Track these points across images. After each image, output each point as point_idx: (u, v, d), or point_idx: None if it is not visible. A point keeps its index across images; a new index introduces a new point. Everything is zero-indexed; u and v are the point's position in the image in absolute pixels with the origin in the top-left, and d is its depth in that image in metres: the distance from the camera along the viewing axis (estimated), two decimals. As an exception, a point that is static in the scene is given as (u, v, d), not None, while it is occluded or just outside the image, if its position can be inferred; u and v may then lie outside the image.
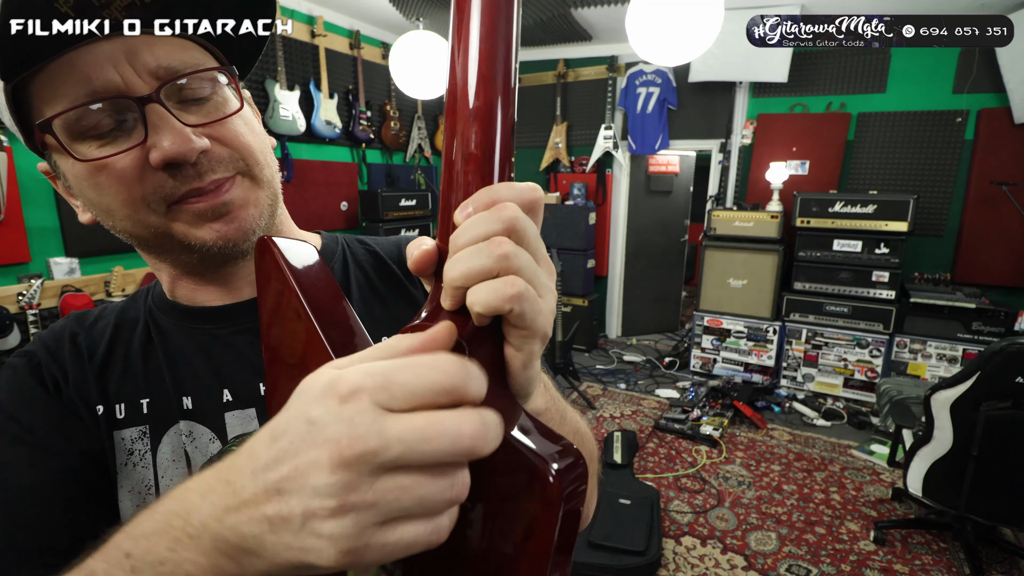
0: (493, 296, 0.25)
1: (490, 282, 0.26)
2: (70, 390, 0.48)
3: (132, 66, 0.41)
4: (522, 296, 0.26)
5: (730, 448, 3.03)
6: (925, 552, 2.20)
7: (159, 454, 0.48)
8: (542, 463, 0.24)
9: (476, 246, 0.26)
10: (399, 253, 0.63)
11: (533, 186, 0.28)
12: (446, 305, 0.28)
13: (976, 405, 1.83)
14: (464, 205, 0.27)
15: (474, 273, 0.26)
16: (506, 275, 0.26)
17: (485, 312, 0.26)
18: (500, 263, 0.25)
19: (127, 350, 0.51)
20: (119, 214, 0.44)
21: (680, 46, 1.89)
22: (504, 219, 0.26)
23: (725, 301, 3.88)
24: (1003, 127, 3.34)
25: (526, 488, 0.24)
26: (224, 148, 0.45)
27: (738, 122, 4.12)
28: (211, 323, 0.52)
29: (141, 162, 0.42)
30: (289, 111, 3.34)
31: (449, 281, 0.27)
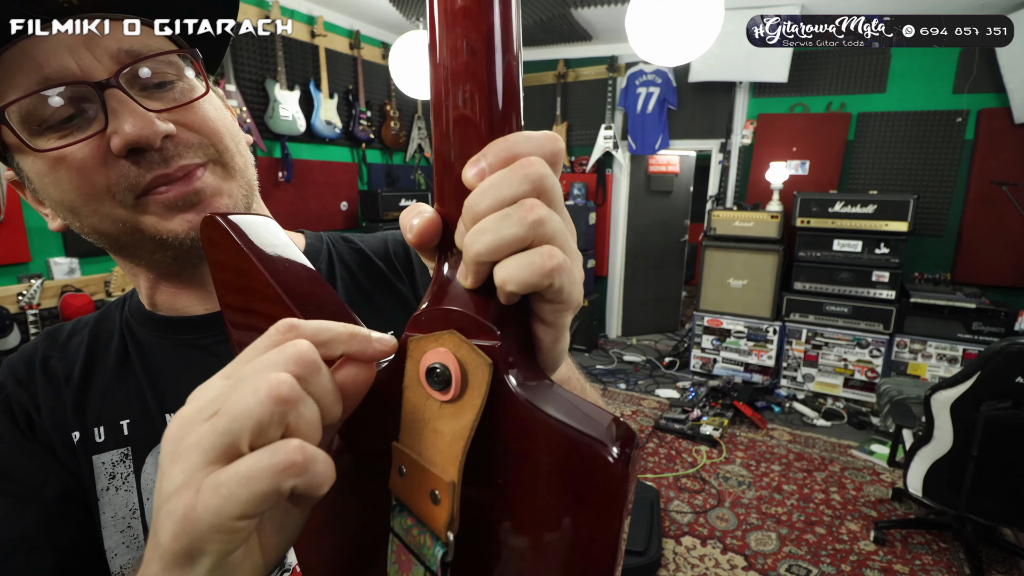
0: (530, 271, 0.22)
1: (524, 255, 0.22)
2: (42, 420, 0.45)
3: (91, 51, 0.39)
4: (561, 268, 0.22)
5: (730, 448, 3.03)
6: (925, 552, 2.20)
7: (144, 475, 0.46)
8: (601, 445, 0.21)
9: (503, 212, 0.22)
10: (385, 249, 0.61)
11: (554, 136, 0.24)
12: (468, 283, 0.24)
13: (976, 405, 1.83)
14: (475, 160, 0.23)
15: (505, 244, 0.22)
16: (540, 244, 0.22)
17: (520, 291, 0.22)
18: (534, 231, 0.22)
19: (103, 368, 0.48)
20: (84, 210, 0.41)
21: (680, 46, 1.89)
22: (532, 177, 0.22)
23: (725, 301, 3.88)
24: (1003, 127, 3.34)
25: (588, 472, 0.21)
26: (192, 133, 0.43)
27: (738, 122, 4.12)
28: (193, 333, 0.49)
29: (102, 151, 0.39)
30: (289, 111, 3.34)
31: (473, 256, 0.22)
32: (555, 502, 0.22)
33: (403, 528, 0.27)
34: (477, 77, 0.23)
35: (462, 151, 0.24)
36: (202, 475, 0.20)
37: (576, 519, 0.22)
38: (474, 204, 0.22)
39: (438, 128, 0.24)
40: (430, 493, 0.24)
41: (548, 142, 0.23)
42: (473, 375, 0.23)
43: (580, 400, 0.23)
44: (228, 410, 0.21)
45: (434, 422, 0.24)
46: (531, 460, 0.23)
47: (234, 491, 0.19)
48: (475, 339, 0.23)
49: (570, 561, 0.23)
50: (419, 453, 0.25)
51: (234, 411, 0.20)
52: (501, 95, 0.23)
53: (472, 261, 0.23)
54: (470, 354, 0.23)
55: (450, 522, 0.24)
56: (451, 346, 0.24)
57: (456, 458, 0.24)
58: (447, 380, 0.23)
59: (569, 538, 0.22)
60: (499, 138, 0.23)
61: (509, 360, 0.24)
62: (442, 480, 0.24)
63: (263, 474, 0.20)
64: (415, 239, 0.25)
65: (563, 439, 0.22)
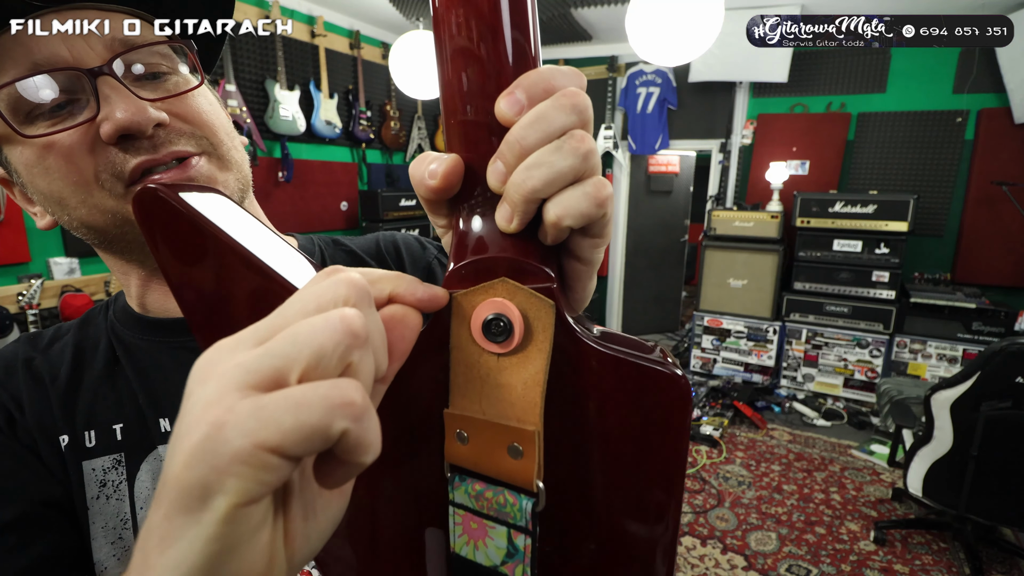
0: (587, 203, 0.21)
1: (579, 187, 0.21)
2: (27, 419, 0.43)
3: (84, 39, 0.38)
4: (611, 197, 0.22)
5: (730, 448, 3.03)
6: (925, 552, 2.20)
7: (137, 484, 0.44)
8: (668, 368, 0.22)
9: (555, 144, 0.21)
10: (377, 248, 0.60)
11: (576, 71, 0.23)
12: (513, 226, 0.22)
13: (976, 405, 1.83)
14: (508, 92, 0.21)
15: (561, 176, 0.21)
16: (589, 176, 0.22)
17: (578, 224, 0.22)
18: (587, 162, 0.21)
19: (91, 373, 0.46)
20: (72, 201, 0.40)
21: (680, 46, 1.89)
22: (580, 107, 0.21)
23: (725, 301, 3.88)
24: (1003, 127, 3.34)
25: (661, 394, 0.22)
26: (184, 123, 0.42)
27: (738, 122, 4.12)
28: (185, 335, 0.47)
29: (91, 137, 0.38)
30: (289, 111, 3.33)
31: (528, 192, 0.21)
32: (629, 430, 0.23)
33: (470, 496, 0.26)
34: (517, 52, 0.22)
35: (484, 86, 0.22)
36: (238, 395, 0.17)
37: (649, 442, 0.22)
38: (521, 138, 0.21)
39: (450, 65, 0.22)
40: (508, 448, 0.24)
41: (578, 76, 0.23)
42: (536, 320, 0.23)
43: (623, 335, 0.24)
44: (288, 334, 0.18)
45: (496, 375, 0.24)
46: (602, 393, 0.23)
47: (277, 415, 0.16)
48: (529, 283, 0.23)
49: (647, 486, 0.23)
50: (484, 411, 0.24)
51: (295, 334, 0.18)
52: (519, 26, 0.22)
53: (523, 199, 0.21)
54: (529, 299, 0.23)
55: (538, 471, 0.24)
56: (506, 294, 0.23)
57: (535, 406, 0.23)
58: (508, 330, 0.23)
59: (645, 464, 0.23)
60: (531, 71, 0.22)
61: (564, 301, 0.23)
62: (523, 431, 0.24)
63: (317, 404, 0.17)
64: (440, 183, 0.23)
65: (633, 369, 0.22)
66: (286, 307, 0.20)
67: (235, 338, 0.19)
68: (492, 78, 0.22)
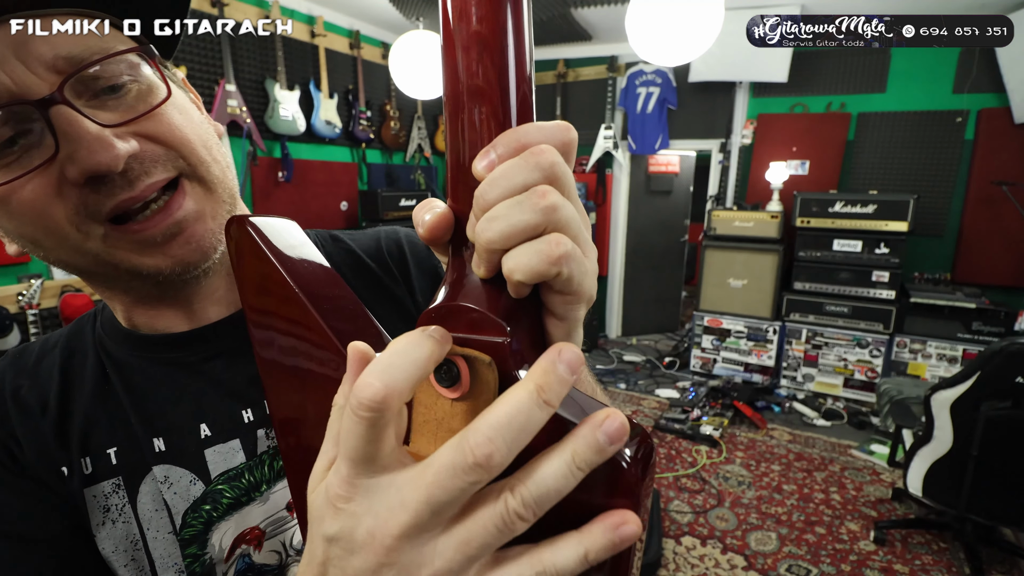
0: (538, 259, 0.21)
1: (532, 243, 0.22)
2: (26, 455, 0.41)
3: (23, 63, 0.33)
4: (570, 256, 0.22)
5: (730, 448, 3.03)
6: (925, 552, 2.20)
7: (140, 506, 0.43)
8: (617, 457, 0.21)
9: (515, 199, 0.21)
10: (378, 248, 0.58)
11: (565, 125, 0.24)
12: (480, 273, 0.24)
13: (976, 405, 1.83)
14: (485, 152, 0.22)
15: (517, 231, 0.21)
16: (552, 232, 0.22)
17: (528, 280, 0.22)
18: (546, 217, 0.21)
19: (81, 394, 0.44)
20: (47, 243, 0.37)
21: (680, 46, 1.89)
22: (543, 165, 0.22)
23: (725, 301, 3.88)
24: (1003, 127, 3.34)
25: (601, 476, 0.21)
26: (157, 146, 0.37)
27: (738, 122, 4.12)
28: (178, 351, 0.45)
29: (54, 181, 0.34)
30: (289, 111, 3.33)
31: (485, 243, 0.22)
32: (568, 505, 0.21)
33: None
34: (491, 93, 0.23)
35: (474, 149, 0.23)
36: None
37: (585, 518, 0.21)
38: (484, 192, 0.22)
39: (452, 127, 0.24)
40: None
41: (559, 131, 0.23)
42: (480, 373, 0.23)
43: (592, 401, 0.23)
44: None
45: (449, 420, 0.24)
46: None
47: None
48: (484, 335, 0.23)
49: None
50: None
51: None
52: (515, 104, 0.23)
53: (483, 249, 0.22)
54: (474, 352, 0.23)
55: None
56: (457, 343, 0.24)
57: None
58: (455, 377, 0.23)
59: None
60: (509, 130, 0.23)
61: (520, 357, 0.23)
62: None
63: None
64: (426, 233, 0.25)
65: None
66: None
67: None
68: (481, 139, 0.23)
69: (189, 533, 0.43)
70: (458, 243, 0.26)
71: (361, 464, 0.20)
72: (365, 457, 0.20)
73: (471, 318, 0.24)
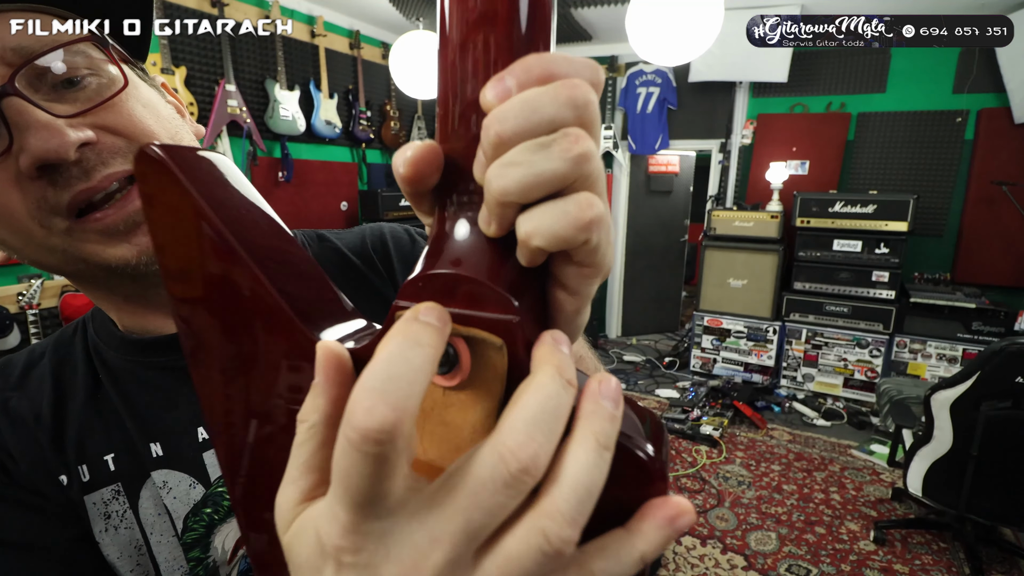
0: (564, 222, 0.17)
1: (558, 203, 0.18)
2: (20, 467, 0.40)
3: None
4: (601, 221, 0.18)
5: (730, 448, 3.03)
6: (925, 552, 2.20)
7: (141, 511, 0.42)
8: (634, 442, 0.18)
9: (539, 141, 0.17)
10: (362, 243, 0.57)
11: (595, 64, 0.19)
12: (491, 231, 0.19)
13: (976, 405, 1.83)
14: (498, 78, 0.18)
15: (541, 182, 0.17)
16: (579, 189, 0.18)
17: (549, 247, 0.18)
18: (578, 168, 0.17)
19: (74, 402, 0.43)
20: (14, 241, 0.36)
21: (680, 46, 1.89)
22: (578, 101, 0.17)
23: (725, 301, 3.88)
24: (1003, 127, 3.34)
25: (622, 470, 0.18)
26: (115, 137, 0.36)
27: (738, 122, 4.12)
28: (169, 354, 0.45)
29: (13, 173, 0.33)
30: (289, 111, 3.33)
31: (498, 194, 0.17)
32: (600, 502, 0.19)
33: None
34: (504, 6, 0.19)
35: (476, 67, 0.19)
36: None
37: (604, 521, 0.19)
38: (499, 122, 0.17)
39: (449, 52, 0.20)
40: None
41: (590, 68, 0.18)
42: (485, 357, 0.19)
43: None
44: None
45: (441, 411, 0.20)
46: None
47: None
48: (487, 311, 0.19)
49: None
50: (425, 451, 0.21)
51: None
52: (534, 23, 0.19)
53: (496, 202, 0.18)
54: (480, 333, 0.19)
55: None
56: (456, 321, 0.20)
57: None
58: (452, 361, 0.19)
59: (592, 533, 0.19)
60: (532, 54, 0.18)
61: (528, 337, 0.19)
62: None
63: None
64: (408, 171, 0.20)
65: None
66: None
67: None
68: (489, 59, 0.19)
69: (191, 537, 0.43)
70: (447, 192, 0.21)
71: (369, 507, 0.16)
72: (373, 499, 0.16)
73: (470, 290, 0.19)
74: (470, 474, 0.16)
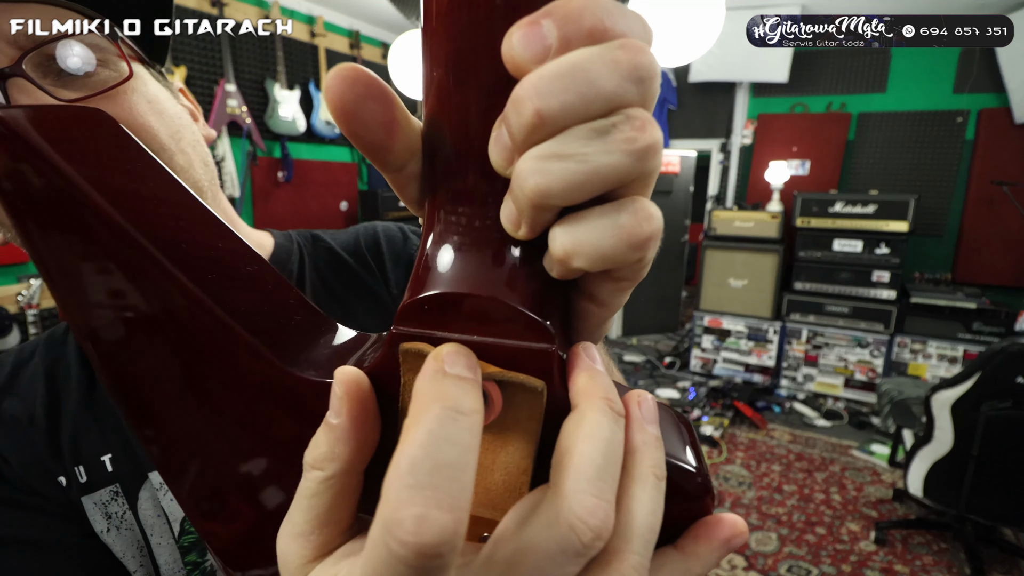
0: (616, 239, 0.14)
1: (610, 214, 0.14)
2: (16, 470, 0.39)
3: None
4: (657, 236, 0.15)
5: (730, 448, 3.03)
6: (926, 552, 2.20)
7: (141, 512, 0.42)
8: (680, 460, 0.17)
9: (593, 126, 0.13)
10: (356, 243, 0.57)
11: (644, 18, 0.14)
12: (521, 233, 0.15)
13: (977, 405, 1.83)
14: (533, 22, 0.13)
15: (596, 180, 0.13)
16: (636, 190, 0.14)
17: (595, 267, 0.15)
18: (641, 166, 0.14)
19: (68, 402, 0.43)
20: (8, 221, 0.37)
21: (680, 46, 1.89)
22: (642, 72, 0.13)
23: (725, 301, 3.87)
24: (1003, 127, 3.34)
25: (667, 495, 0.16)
26: None
27: (738, 122, 4.11)
28: None
29: None
30: (289, 111, 3.33)
31: (537, 194, 0.13)
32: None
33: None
34: None
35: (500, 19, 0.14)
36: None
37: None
38: (539, 95, 0.13)
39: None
40: (480, 539, 0.17)
41: (644, 26, 0.14)
42: (519, 396, 0.16)
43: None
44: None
45: None
46: None
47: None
48: (516, 338, 0.15)
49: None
50: None
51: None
52: None
53: (531, 203, 0.14)
54: (518, 377, 0.16)
55: None
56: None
57: (520, 495, 0.17)
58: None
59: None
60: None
61: (562, 363, 0.16)
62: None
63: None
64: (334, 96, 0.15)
65: None
66: None
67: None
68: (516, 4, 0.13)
69: (188, 540, 0.43)
70: (443, 178, 0.16)
71: None
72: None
73: (492, 312, 0.15)
74: (533, 548, 0.14)
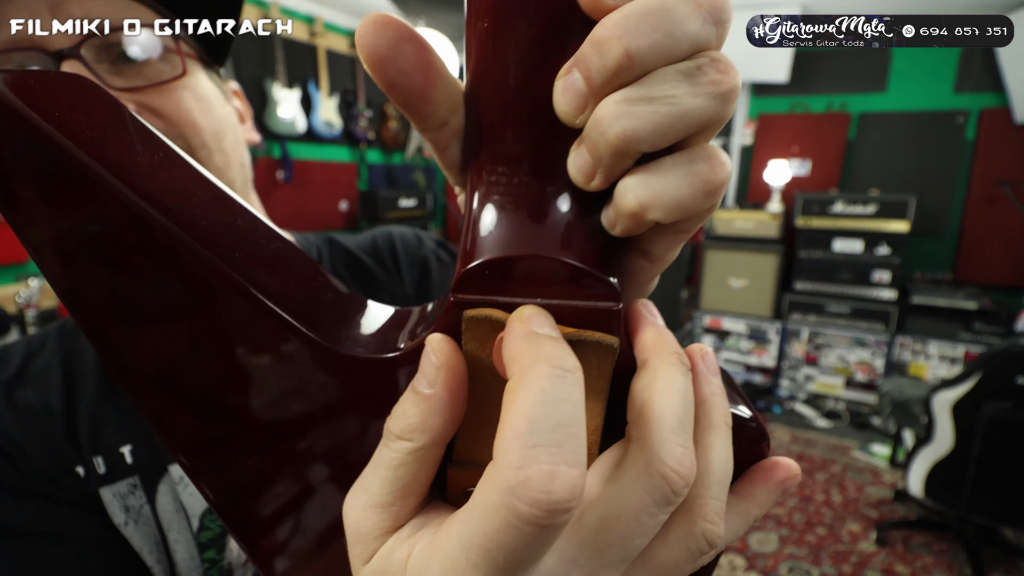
0: (693, 188, 0.14)
1: (688, 161, 0.14)
2: (33, 461, 0.39)
3: (55, 17, 0.34)
4: (727, 183, 0.15)
5: (730, 449, 3.03)
6: (926, 553, 2.19)
7: (159, 507, 0.41)
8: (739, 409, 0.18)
9: (680, 67, 0.13)
10: (373, 244, 0.58)
11: None
12: (594, 184, 0.14)
13: (977, 406, 1.82)
14: None
15: (684, 124, 0.13)
16: (708, 137, 0.14)
17: (670, 219, 0.14)
18: (724, 109, 0.14)
19: (87, 393, 0.42)
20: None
21: (680, 46, 1.88)
22: (721, 14, 0.13)
23: (725, 301, 3.87)
24: (1004, 127, 3.33)
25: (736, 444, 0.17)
26: (160, 120, 0.37)
27: (738, 122, 4.11)
28: None
29: None
30: (289, 111, 3.33)
31: (622, 139, 0.13)
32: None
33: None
34: None
35: None
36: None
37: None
38: (627, 34, 0.12)
39: None
40: None
41: None
42: (590, 354, 0.15)
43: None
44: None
45: None
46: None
47: None
48: (583, 298, 0.15)
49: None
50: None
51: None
52: None
53: (614, 149, 0.13)
54: (594, 335, 0.15)
55: None
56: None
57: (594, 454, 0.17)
58: None
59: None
60: None
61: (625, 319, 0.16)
62: None
63: None
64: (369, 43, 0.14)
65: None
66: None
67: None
68: None
69: (207, 537, 0.43)
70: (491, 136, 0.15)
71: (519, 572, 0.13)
72: (528, 565, 0.13)
73: (559, 274, 0.15)
74: (625, 501, 0.14)
